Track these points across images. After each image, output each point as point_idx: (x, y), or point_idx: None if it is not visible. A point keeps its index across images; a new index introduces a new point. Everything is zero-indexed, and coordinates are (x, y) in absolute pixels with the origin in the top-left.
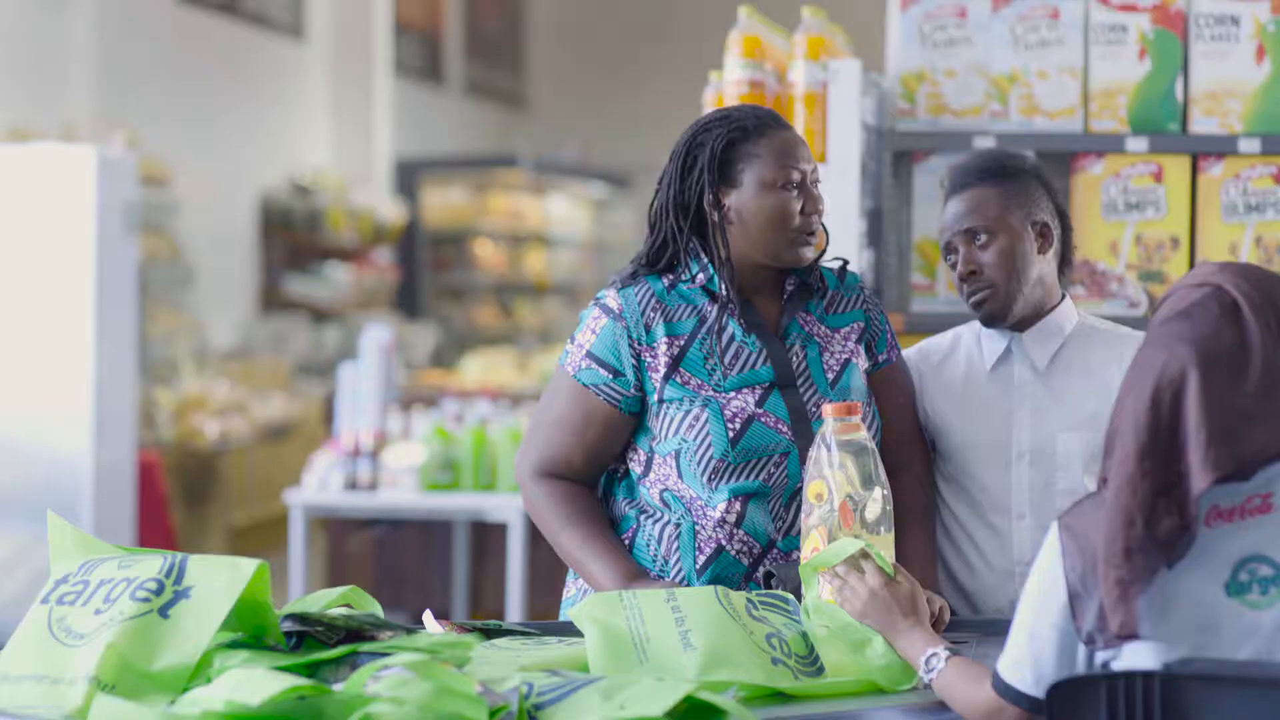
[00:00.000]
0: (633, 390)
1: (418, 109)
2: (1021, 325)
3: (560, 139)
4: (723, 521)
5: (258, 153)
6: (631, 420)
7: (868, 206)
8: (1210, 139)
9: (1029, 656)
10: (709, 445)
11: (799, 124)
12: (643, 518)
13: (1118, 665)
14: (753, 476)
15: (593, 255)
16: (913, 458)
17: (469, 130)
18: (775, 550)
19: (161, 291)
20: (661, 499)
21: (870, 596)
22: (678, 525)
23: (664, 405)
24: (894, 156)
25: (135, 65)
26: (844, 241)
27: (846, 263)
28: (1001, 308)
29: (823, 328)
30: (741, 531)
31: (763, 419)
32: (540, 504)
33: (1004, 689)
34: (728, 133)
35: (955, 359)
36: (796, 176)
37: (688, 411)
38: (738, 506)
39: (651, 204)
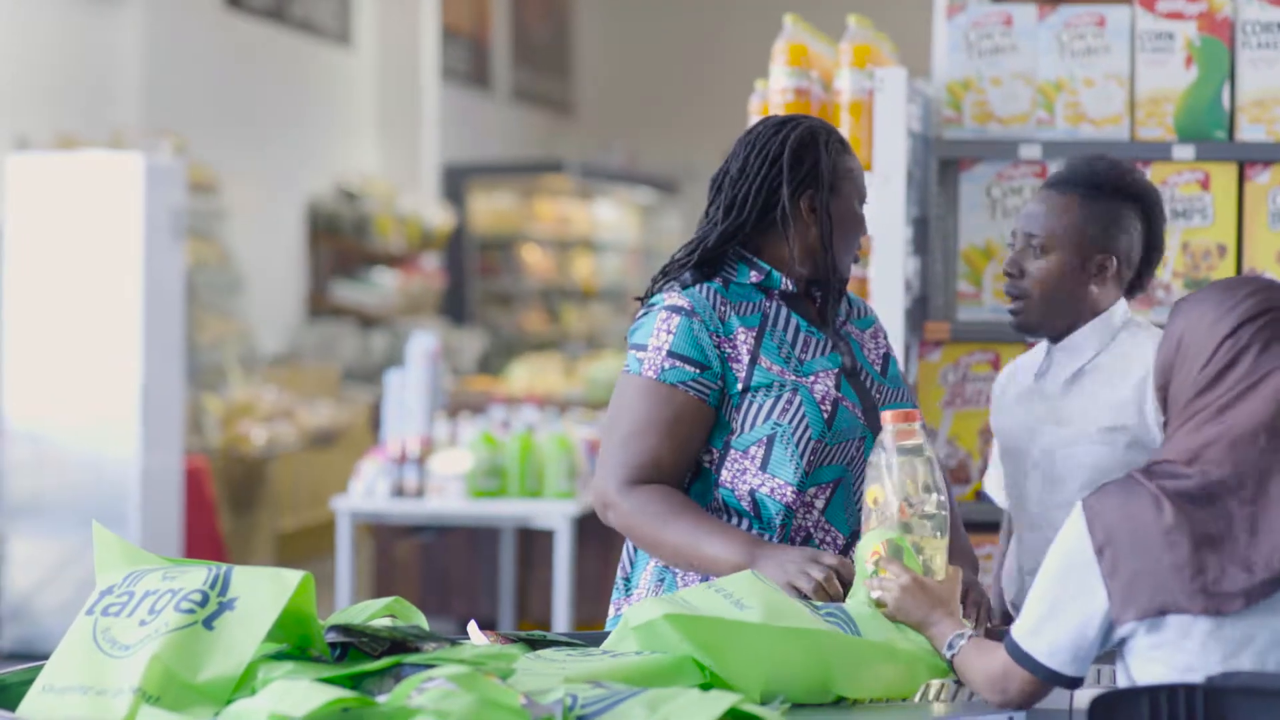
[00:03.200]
0: (718, 383)
1: (465, 115)
2: (1058, 337)
3: (607, 144)
4: (810, 508)
5: (305, 159)
6: (713, 415)
7: (914, 215)
8: (1257, 146)
9: (1047, 628)
10: (806, 427)
11: (845, 132)
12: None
13: (1141, 641)
14: (839, 460)
15: (640, 261)
16: None
17: (516, 136)
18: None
19: (209, 298)
20: (752, 498)
21: (902, 593)
22: (763, 533)
23: (750, 394)
24: (940, 164)
25: (183, 73)
26: (890, 250)
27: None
28: (1026, 320)
29: (853, 328)
30: (825, 520)
31: (844, 403)
32: (634, 512)
33: (1019, 655)
34: (835, 143)
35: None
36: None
37: (779, 396)
38: (826, 493)
39: (735, 193)
